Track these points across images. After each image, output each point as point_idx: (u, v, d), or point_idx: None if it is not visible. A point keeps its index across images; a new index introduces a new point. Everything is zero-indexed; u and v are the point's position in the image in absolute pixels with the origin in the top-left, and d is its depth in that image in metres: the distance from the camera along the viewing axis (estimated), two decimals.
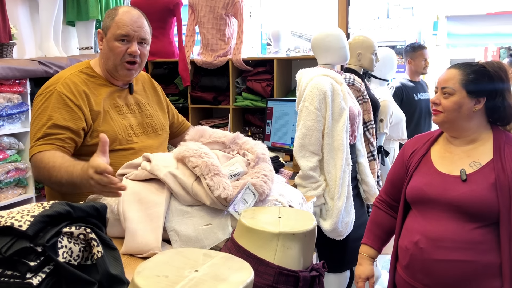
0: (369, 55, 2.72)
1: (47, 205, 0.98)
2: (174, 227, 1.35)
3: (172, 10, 3.56)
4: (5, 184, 2.77)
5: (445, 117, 1.51)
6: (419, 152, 1.61)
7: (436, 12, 11.98)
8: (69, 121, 1.61)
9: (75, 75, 1.69)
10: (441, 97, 1.52)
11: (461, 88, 1.48)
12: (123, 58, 1.69)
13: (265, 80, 3.33)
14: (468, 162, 1.49)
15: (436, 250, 1.44)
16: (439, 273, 1.43)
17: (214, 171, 1.34)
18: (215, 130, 1.62)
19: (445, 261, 1.43)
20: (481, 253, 1.41)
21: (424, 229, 1.48)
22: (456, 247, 1.42)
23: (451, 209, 1.45)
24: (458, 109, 1.48)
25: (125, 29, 1.66)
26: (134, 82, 1.86)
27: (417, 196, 1.53)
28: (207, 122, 3.66)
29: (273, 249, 1.11)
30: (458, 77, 1.49)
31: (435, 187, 1.49)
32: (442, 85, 1.52)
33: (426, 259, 1.45)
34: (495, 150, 1.47)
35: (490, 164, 1.46)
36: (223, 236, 1.31)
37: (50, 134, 1.59)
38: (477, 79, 1.49)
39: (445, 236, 1.44)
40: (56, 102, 1.62)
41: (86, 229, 0.98)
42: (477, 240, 1.42)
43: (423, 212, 1.52)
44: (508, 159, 1.44)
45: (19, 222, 0.90)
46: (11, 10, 3.05)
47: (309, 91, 2.21)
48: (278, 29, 3.71)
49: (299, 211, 1.33)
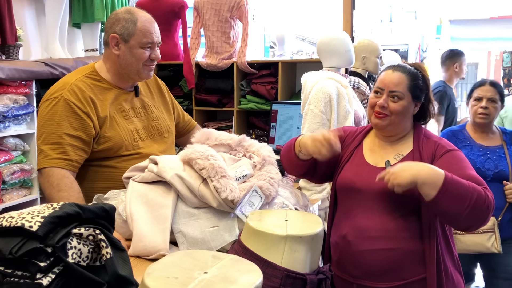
0: (374, 58, 2.73)
1: (57, 206, 0.99)
2: (181, 229, 1.35)
3: (177, 13, 3.58)
4: (10, 185, 2.78)
5: (391, 121, 1.54)
6: (352, 144, 1.65)
7: (439, 16, 11.99)
8: (79, 130, 1.61)
9: (81, 81, 1.68)
10: (389, 100, 1.54)
11: (408, 92, 1.54)
12: (145, 62, 1.73)
13: (270, 82, 3.34)
14: (393, 154, 1.57)
15: (363, 241, 1.48)
16: (366, 263, 1.47)
17: (221, 173, 1.35)
18: (221, 132, 1.63)
19: (372, 250, 1.47)
20: (405, 240, 1.46)
21: (351, 222, 1.52)
22: (381, 236, 1.46)
23: (376, 200, 1.49)
24: (405, 112, 1.54)
25: (151, 37, 1.71)
26: (140, 84, 1.86)
27: (347, 186, 1.57)
28: (211, 124, 3.66)
29: (281, 251, 1.11)
30: (406, 82, 1.54)
31: (362, 178, 1.53)
32: (392, 88, 1.54)
33: (354, 251, 1.48)
34: (414, 142, 1.56)
35: (410, 154, 1.54)
36: (230, 238, 1.31)
37: (60, 143, 1.58)
38: (420, 85, 1.56)
39: (370, 227, 1.48)
40: (64, 110, 1.61)
41: (96, 230, 0.99)
42: (400, 228, 1.46)
43: (350, 205, 1.56)
44: (425, 148, 1.53)
45: (30, 223, 0.91)
46: (18, 12, 3.07)
47: (314, 94, 2.21)
48: (282, 32, 3.72)
49: (306, 214, 1.34)
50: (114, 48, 1.70)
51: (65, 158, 1.58)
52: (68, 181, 1.57)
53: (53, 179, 1.56)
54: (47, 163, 1.57)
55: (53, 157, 1.57)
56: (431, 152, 1.52)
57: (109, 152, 1.68)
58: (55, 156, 1.57)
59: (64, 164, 1.58)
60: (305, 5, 7.56)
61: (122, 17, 1.69)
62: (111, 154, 1.69)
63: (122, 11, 1.73)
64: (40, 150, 1.61)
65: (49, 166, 1.57)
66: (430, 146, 1.54)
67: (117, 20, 1.70)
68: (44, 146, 1.60)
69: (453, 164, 1.46)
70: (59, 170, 1.57)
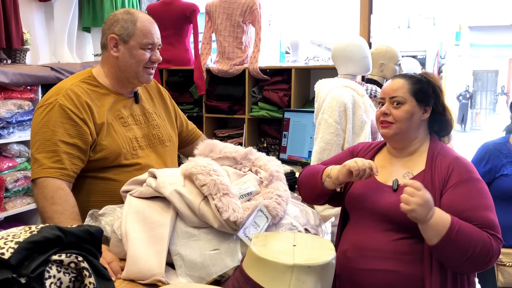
0: (392, 65, 2.60)
1: (35, 230, 0.88)
2: (179, 251, 1.24)
3: (188, 17, 3.50)
4: (14, 193, 2.71)
5: (397, 128, 1.47)
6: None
7: (458, 22, 11.78)
8: (75, 137, 1.52)
9: (77, 86, 1.60)
10: (391, 107, 1.47)
11: (411, 97, 1.47)
12: (145, 65, 1.65)
13: (282, 89, 3.23)
14: (403, 173, 1.49)
15: (361, 259, 1.44)
16: (364, 281, 1.43)
17: (223, 190, 1.23)
18: (226, 144, 1.52)
19: (370, 270, 1.42)
20: (405, 263, 1.40)
21: (353, 238, 1.49)
22: (380, 256, 1.41)
23: (380, 219, 1.44)
24: (410, 118, 1.46)
25: (151, 38, 1.64)
26: (140, 89, 1.77)
27: (353, 203, 1.53)
28: (222, 132, 3.56)
29: (287, 283, 0.99)
30: (407, 86, 1.48)
31: (369, 196, 1.48)
32: (391, 94, 1.48)
33: (353, 268, 1.44)
34: (427, 161, 1.47)
35: (421, 174, 1.45)
36: (231, 264, 1.19)
37: (55, 151, 1.50)
38: (424, 88, 1.49)
39: (370, 245, 1.43)
40: (59, 116, 1.52)
41: (78, 257, 0.88)
42: (401, 250, 1.40)
43: (356, 222, 1.52)
44: (438, 169, 1.43)
45: (1, 250, 0.81)
46: (26, 16, 3.02)
47: (328, 103, 2.09)
48: (296, 37, 3.61)
49: (316, 238, 1.21)
50: (113, 50, 1.62)
51: (60, 167, 1.49)
52: (63, 193, 1.47)
53: (47, 190, 1.46)
54: (41, 173, 1.47)
55: (48, 166, 1.48)
56: (443, 175, 1.41)
57: (106, 162, 1.58)
58: (50, 165, 1.48)
59: (60, 174, 1.48)
60: (322, 10, 7.46)
61: (121, 17, 1.62)
62: (109, 163, 1.58)
63: (121, 11, 1.65)
64: (35, 159, 1.51)
65: (44, 176, 1.46)
66: (443, 168, 1.42)
67: (115, 21, 1.62)
68: (38, 155, 1.50)
69: (466, 200, 1.36)
70: (54, 180, 1.47)
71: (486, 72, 16.80)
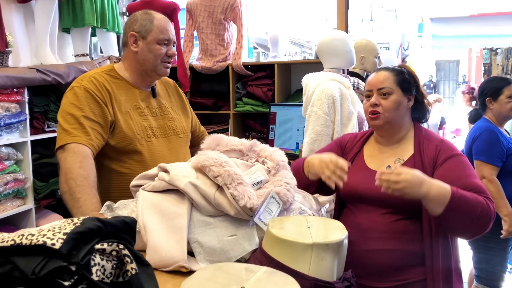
0: (372, 58, 2.72)
1: (78, 222, 0.94)
2: (197, 238, 1.31)
3: (169, 16, 3.52)
4: (4, 196, 2.69)
5: (386, 118, 1.57)
6: (352, 151, 1.69)
7: (420, 14, 12.10)
8: (98, 116, 1.70)
9: (99, 75, 1.79)
10: (379, 98, 1.58)
11: (397, 87, 1.57)
12: (162, 59, 1.82)
13: (266, 84, 3.31)
14: (394, 160, 1.59)
15: (364, 241, 1.50)
16: (368, 262, 1.49)
17: (238, 180, 1.31)
18: (232, 138, 1.59)
19: (373, 250, 1.49)
20: (405, 242, 1.48)
21: (354, 222, 1.54)
22: (383, 237, 1.49)
23: (378, 203, 1.51)
24: (398, 107, 1.57)
25: (167, 34, 1.82)
26: (159, 86, 1.93)
27: (350, 193, 1.60)
28: (207, 128, 3.61)
29: (307, 260, 1.08)
30: (392, 77, 1.59)
31: (364, 183, 1.55)
32: (379, 86, 1.58)
33: (355, 251, 1.48)
34: (415, 145, 1.57)
35: (411, 159, 1.55)
36: (250, 247, 1.27)
37: (82, 124, 1.66)
38: (407, 79, 1.60)
39: (372, 227, 1.51)
40: (85, 97, 1.71)
41: (119, 245, 0.95)
42: (401, 230, 1.48)
43: (354, 208, 1.59)
44: (426, 152, 1.54)
45: (52, 240, 0.86)
46: (6, 17, 2.97)
47: (317, 96, 2.19)
48: (276, 33, 3.70)
49: (327, 220, 1.31)
50: (133, 45, 1.81)
51: (88, 137, 1.66)
52: (90, 162, 1.63)
53: (78, 155, 1.61)
54: (72, 139, 1.64)
55: (77, 134, 1.65)
56: (432, 156, 1.53)
57: (122, 145, 1.74)
58: (79, 134, 1.65)
59: (88, 142, 1.65)
60: (289, 6, 7.52)
61: (140, 17, 1.82)
62: (124, 147, 1.74)
63: (140, 12, 1.85)
64: (63, 129, 1.66)
65: (75, 142, 1.63)
66: (431, 150, 1.54)
67: (135, 20, 1.82)
68: (67, 126, 1.66)
69: (455, 171, 1.48)
70: (85, 148, 1.63)
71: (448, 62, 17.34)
